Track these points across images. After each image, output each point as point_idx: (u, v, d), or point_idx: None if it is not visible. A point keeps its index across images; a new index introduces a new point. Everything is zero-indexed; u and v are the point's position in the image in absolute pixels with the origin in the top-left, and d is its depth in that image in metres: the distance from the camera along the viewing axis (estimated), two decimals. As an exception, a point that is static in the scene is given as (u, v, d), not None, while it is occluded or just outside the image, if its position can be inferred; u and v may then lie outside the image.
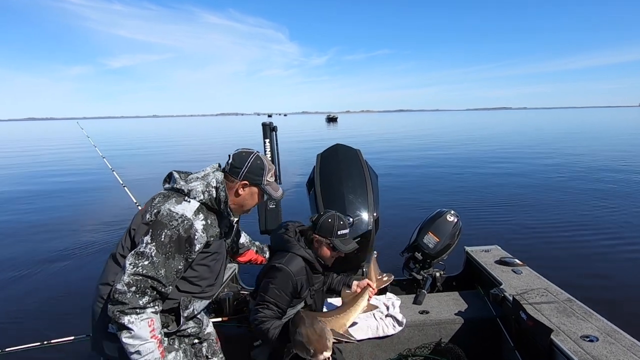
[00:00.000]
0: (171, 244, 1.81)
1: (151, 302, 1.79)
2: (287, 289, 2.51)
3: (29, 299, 5.89)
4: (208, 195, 1.97)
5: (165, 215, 1.83)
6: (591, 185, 12.87)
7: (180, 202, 1.91)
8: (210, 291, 2.18)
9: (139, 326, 1.74)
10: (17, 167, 20.58)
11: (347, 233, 2.73)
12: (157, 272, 1.78)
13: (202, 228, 1.91)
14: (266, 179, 2.13)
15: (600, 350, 2.59)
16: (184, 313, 2.03)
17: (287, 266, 2.54)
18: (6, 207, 11.76)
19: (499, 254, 4.31)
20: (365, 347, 3.37)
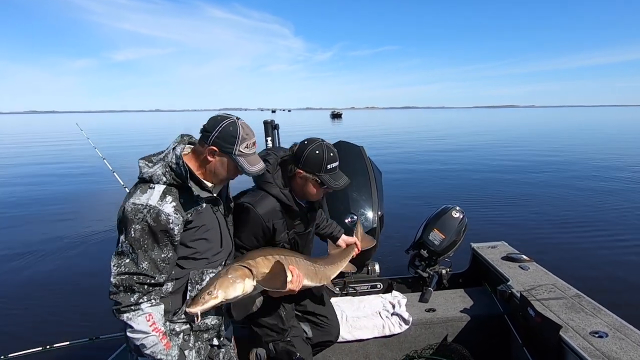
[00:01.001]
0: (144, 237, 1.79)
1: (143, 296, 1.80)
2: (257, 234, 2.30)
3: (31, 303, 5.91)
4: (170, 175, 1.89)
5: (130, 211, 1.79)
6: (599, 182, 12.80)
7: (145, 191, 1.85)
8: (220, 258, 2.12)
9: (137, 322, 1.78)
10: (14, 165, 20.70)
11: (337, 166, 2.33)
12: (138, 267, 1.78)
13: (174, 210, 1.83)
14: (239, 148, 1.93)
15: (610, 346, 2.55)
16: (194, 288, 1.99)
17: (256, 207, 2.27)
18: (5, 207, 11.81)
19: (506, 250, 4.27)
20: (372, 346, 3.34)
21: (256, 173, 2.01)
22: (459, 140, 31.28)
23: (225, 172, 1.99)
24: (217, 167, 1.97)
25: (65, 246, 8.27)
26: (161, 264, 1.84)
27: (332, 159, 2.29)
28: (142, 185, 1.89)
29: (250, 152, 1.98)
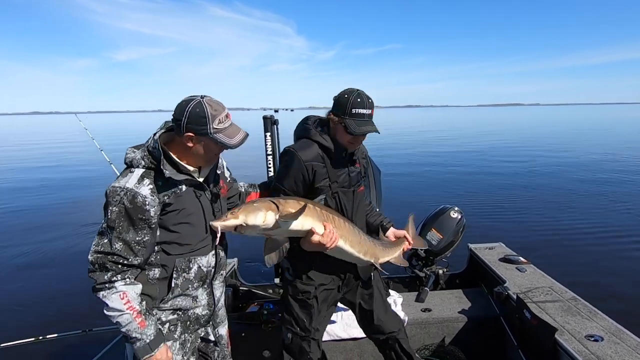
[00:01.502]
0: (120, 219, 1.82)
1: (116, 275, 1.83)
2: (297, 177, 2.28)
3: (24, 294, 5.92)
4: (148, 159, 1.92)
5: (109, 193, 1.84)
6: (598, 183, 12.77)
7: (126, 175, 1.90)
8: (206, 244, 2.09)
9: (111, 299, 1.81)
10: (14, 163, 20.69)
11: (366, 114, 2.25)
12: (112, 247, 1.82)
13: (150, 192, 1.86)
14: (213, 126, 1.90)
15: (605, 350, 2.55)
16: (180, 276, 2.01)
17: (298, 151, 2.27)
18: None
19: (503, 252, 4.27)
20: (367, 345, 3.34)
21: (238, 144, 1.97)
22: (460, 139, 31.24)
23: (208, 152, 1.99)
24: (199, 150, 1.97)
25: (60, 238, 8.28)
26: (136, 247, 1.86)
27: (358, 104, 2.24)
28: (125, 171, 1.94)
29: (225, 125, 1.95)
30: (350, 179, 2.45)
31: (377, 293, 2.67)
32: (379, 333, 2.67)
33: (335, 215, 2.25)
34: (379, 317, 2.63)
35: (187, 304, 2.07)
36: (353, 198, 2.46)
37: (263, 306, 3.45)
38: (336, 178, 2.36)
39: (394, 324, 2.68)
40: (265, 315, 3.31)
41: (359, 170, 2.53)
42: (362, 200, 2.58)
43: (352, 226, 2.33)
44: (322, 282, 2.43)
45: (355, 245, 2.31)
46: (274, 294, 4.11)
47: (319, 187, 2.31)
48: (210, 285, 2.17)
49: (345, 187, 2.41)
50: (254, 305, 3.63)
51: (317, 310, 2.44)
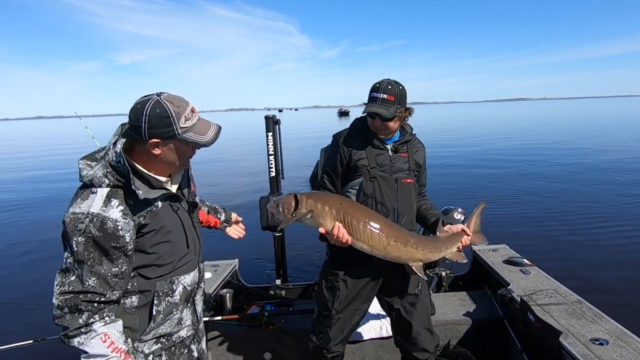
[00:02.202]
0: (89, 250, 1.53)
1: (93, 315, 1.55)
2: (334, 157, 2.45)
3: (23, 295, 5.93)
4: (113, 177, 1.61)
5: (70, 222, 1.54)
6: (604, 183, 12.66)
7: (87, 197, 1.58)
8: (190, 259, 1.86)
9: (91, 346, 1.54)
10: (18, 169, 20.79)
11: (378, 97, 2.37)
12: (84, 285, 1.53)
13: (122, 215, 1.57)
14: (180, 125, 1.62)
15: (611, 354, 2.51)
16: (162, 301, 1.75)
17: (337, 134, 2.51)
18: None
19: (507, 254, 4.24)
20: (369, 348, 3.31)
21: (212, 141, 1.72)
22: (464, 137, 31.07)
23: (179, 156, 1.72)
24: (168, 156, 1.69)
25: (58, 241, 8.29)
26: (112, 279, 1.58)
27: (375, 89, 2.40)
28: (83, 191, 1.62)
29: (193, 122, 1.67)
30: (393, 165, 2.47)
31: (421, 306, 2.60)
32: (411, 346, 2.58)
33: (355, 220, 2.19)
34: (417, 331, 2.55)
35: (171, 329, 1.83)
36: (396, 187, 2.47)
37: (264, 308, 3.42)
38: (375, 160, 2.43)
39: (430, 344, 2.59)
40: (266, 317, 3.28)
41: (406, 160, 2.54)
42: (410, 191, 2.53)
43: (378, 224, 2.23)
44: (355, 270, 2.49)
45: (377, 245, 2.23)
46: (275, 295, 4.09)
47: (357, 165, 2.41)
48: (193, 303, 1.94)
49: (387, 173, 2.45)
50: (254, 307, 3.62)
51: (343, 294, 2.49)
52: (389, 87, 2.38)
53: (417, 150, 2.62)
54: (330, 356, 2.58)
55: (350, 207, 2.24)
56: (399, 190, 2.47)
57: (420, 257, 2.36)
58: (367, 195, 2.42)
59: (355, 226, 2.18)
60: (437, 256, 2.45)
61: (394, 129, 2.45)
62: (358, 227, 2.19)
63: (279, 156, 3.98)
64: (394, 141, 2.51)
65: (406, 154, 2.53)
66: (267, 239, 4.37)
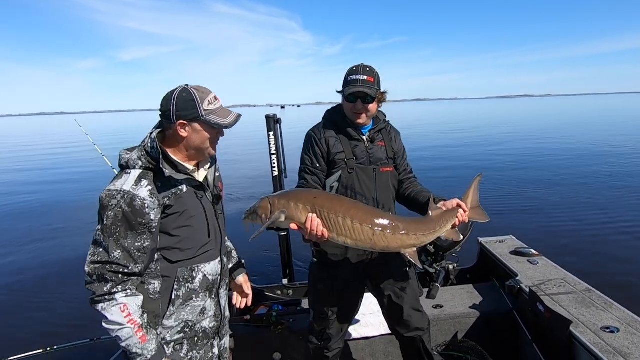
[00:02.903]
0: (117, 224, 1.72)
1: (117, 286, 1.73)
2: (314, 152, 2.40)
3: (31, 305, 5.92)
4: (145, 159, 1.82)
5: (105, 197, 1.74)
6: (610, 173, 12.61)
7: (121, 177, 1.79)
8: (211, 249, 2.00)
9: (111, 312, 1.72)
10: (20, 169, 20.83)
11: (359, 79, 2.35)
12: (110, 256, 1.72)
13: (149, 194, 1.76)
14: (204, 107, 1.83)
15: (622, 342, 2.49)
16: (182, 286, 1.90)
17: (311, 129, 2.48)
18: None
19: (514, 245, 4.21)
20: (379, 344, 3.30)
21: (233, 123, 1.89)
22: (469, 132, 31.06)
23: (203, 139, 1.88)
24: (193, 139, 1.87)
25: (66, 247, 8.31)
26: (136, 253, 1.76)
27: (352, 72, 2.38)
28: (120, 173, 1.84)
29: (216, 107, 1.87)
30: (370, 156, 2.46)
31: (411, 289, 2.62)
32: (404, 328, 2.62)
33: (333, 213, 2.07)
34: (408, 313, 2.58)
35: (194, 318, 1.96)
36: (375, 177, 2.45)
37: (272, 308, 3.42)
38: (352, 152, 2.41)
39: (421, 322, 2.63)
40: (274, 317, 3.28)
41: (384, 149, 2.52)
42: (388, 180, 2.52)
43: (360, 222, 2.08)
44: (341, 269, 2.47)
45: (365, 242, 2.10)
46: (283, 295, 4.08)
47: (335, 159, 2.39)
48: (217, 295, 2.06)
49: (364, 164, 2.43)
50: (262, 307, 3.61)
51: (335, 294, 2.49)
52: (367, 69, 2.38)
53: (393, 137, 2.62)
54: (332, 354, 2.59)
55: (326, 200, 2.13)
56: (377, 180, 2.45)
57: (413, 242, 2.20)
58: (347, 187, 2.41)
59: (334, 220, 2.06)
60: (431, 238, 2.28)
61: (373, 112, 2.44)
62: (337, 220, 2.06)
63: (281, 156, 3.97)
64: (369, 130, 2.50)
65: (383, 143, 2.53)
66: (272, 238, 4.36)
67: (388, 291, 2.58)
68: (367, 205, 2.28)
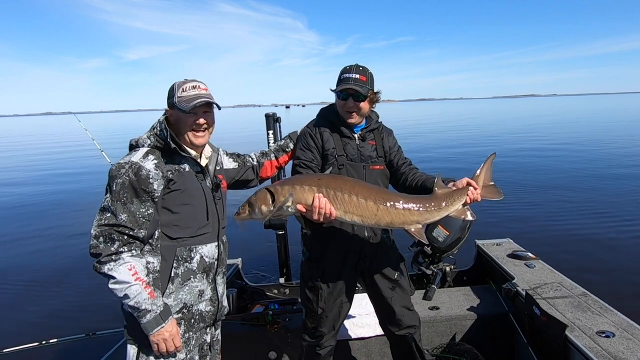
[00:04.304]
0: (124, 190, 1.86)
1: (123, 246, 1.84)
2: (309, 144, 2.48)
3: (27, 298, 5.93)
4: (154, 137, 2.01)
5: (114, 168, 1.90)
6: (608, 176, 12.59)
7: (130, 153, 1.98)
8: (208, 231, 2.10)
9: (118, 271, 1.80)
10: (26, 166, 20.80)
11: (350, 77, 2.41)
12: (117, 219, 1.83)
13: (154, 166, 1.93)
14: (177, 95, 2.02)
15: (617, 346, 2.50)
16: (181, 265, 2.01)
17: (306, 125, 2.56)
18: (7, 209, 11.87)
19: (511, 248, 4.21)
20: (374, 345, 3.30)
21: (191, 108, 1.97)
22: (470, 132, 31.03)
23: (181, 124, 2.03)
24: (177, 124, 2.04)
25: (62, 242, 8.30)
26: (141, 219, 1.89)
27: (345, 71, 2.46)
28: (129, 151, 2.02)
29: (189, 93, 2.01)
30: (361, 153, 2.51)
31: (402, 288, 2.65)
32: (396, 326, 2.64)
33: (339, 191, 2.14)
34: (400, 313, 2.61)
35: (192, 299, 2.04)
36: (365, 173, 2.50)
37: (268, 307, 3.42)
38: (343, 149, 2.48)
39: (412, 320, 2.67)
40: (270, 316, 3.28)
41: (374, 148, 2.58)
42: (379, 178, 2.57)
43: (365, 198, 2.16)
44: (332, 265, 2.50)
45: (370, 218, 2.17)
46: (279, 294, 4.08)
47: (327, 155, 2.45)
48: (214, 280, 2.15)
49: (355, 161, 2.48)
50: (258, 306, 3.60)
51: (326, 291, 2.51)
52: (360, 68, 2.45)
53: (384, 137, 2.66)
54: (324, 352, 2.61)
55: (330, 179, 2.22)
56: (367, 177, 2.49)
57: (416, 218, 2.22)
58: None
59: (340, 197, 2.13)
60: (437, 215, 2.29)
61: (365, 111, 2.49)
62: (343, 198, 2.13)
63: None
64: (361, 129, 2.56)
65: (373, 142, 2.58)
66: (269, 237, 4.36)
67: (378, 288, 2.62)
68: (370, 184, 2.35)
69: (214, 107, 2.11)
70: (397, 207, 2.19)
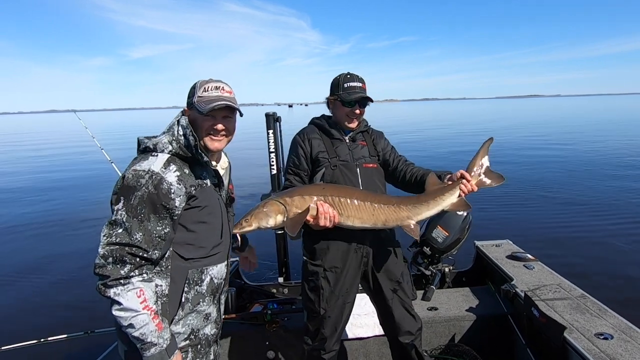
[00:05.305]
0: (142, 205, 1.63)
1: (134, 269, 1.61)
2: (298, 153, 2.55)
3: (26, 296, 5.92)
4: (177, 143, 1.77)
5: (132, 177, 1.65)
6: (607, 177, 12.58)
7: (147, 159, 1.72)
8: (220, 251, 1.93)
9: (126, 298, 1.59)
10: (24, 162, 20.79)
11: (357, 86, 2.53)
12: (131, 238, 1.61)
13: (177, 180, 1.70)
14: (197, 94, 1.82)
15: (615, 349, 2.49)
16: (192, 289, 1.82)
17: (297, 133, 2.63)
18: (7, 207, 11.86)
19: (510, 249, 4.21)
20: (372, 345, 3.30)
21: (210, 108, 1.78)
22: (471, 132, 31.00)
23: (197, 127, 1.83)
24: (196, 126, 1.83)
25: (61, 239, 8.28)
26: (157, 239, 1.67)
27: (349, 79, 2.55)
28: (144, 155, 1.77)
29: (210, 94, 1.82)
30: (353, 154, 2.59)
31: (404, 292, 2.65)
32: (395, 331, 2.63)
33: (342, 197, 2.31)
34: (400, 316, 2.61)
35: (199, 323, 1.87)
36: (359, 172, 2.56)
37: (267, 306, 3.42)
38: (335, 152, 2.55)
39: (412, 326, 2.65)
40: (269, 315, 3.28)
41: (365, 148, 2.66)
42: (372, 176, 2.62)
43: (361, 200, 2.34)
44: (334, 264, 2.50)
45: (369, 218, 2.34)
46: (278, 293, 4.08)
47: (319, 158, 2.53)
48: (218, 300, 1.99)
49: (347, 162, 2.56)
50: (257, 305, 3.60)
51: (327, 291, 2.51)
52: (359, 77, 2.58)
53: (375, 138, 2.75)
54: (328, 356, 2.59)
55: (332, 188, 2.38)
56: (362, 175, 2.56)
57: (407, 213, 2.39)
58: (331, 183, 2.49)
59: (344, 203, 2.29)
60: (430, 209, 2.42)
61: (362, 116, 2.63)
62: (346, 203, 2.29)
63: (280, 154, 3.97)
64: (350, 132, 2.64)
65: (364, 142, 2.66)
66: (268, 236, 4.35)
67: (380, 291, 2.62)
68: (366, 190, 2.48)
69: (236, 113, 1.90)
70: (391, 206, 2.37)
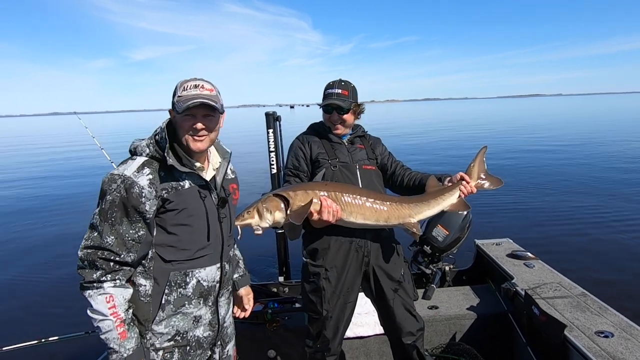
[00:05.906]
0: (114, 209, 1.67)
1: (106, 274, 1.67)
2: (298, 154, 2.63)
3: (26, 296, 5.93)
4: (153, 147, 1.78)
5: (107, 181, 1.70)
6: (608, 176, 12.58)
7: (126, 162, 1.76)
8: (208, 253, 1.89)
9: (96, 301, 1.66)
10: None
11: (333, 92, 2.61)
12: (103, 241, 1.66)
13: (148, 183, 1.71)
14: (177, 94, 1.79)
15: (616, 347, 2.50)
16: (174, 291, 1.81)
17: (297, 136, 2.73)
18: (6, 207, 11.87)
19: (511, 247, 4.21)
20: (373, 344, 3.31)
21: (185, 107, 1.73)
22: (469, 132, 31.03)
23: (181, 129, 1.81)
24: (177, 126, 1.82)
25: (60, 238, 8.29)
26: (129, 242, 1.70)
27: (328, 86, 2.65)
28: (127, 159, 1.81)
29: (189, 93, 1.77)
30: (352, 155, 2.66)
31: (405, 292, 2.65)
32: (397, 331, 2.62)
33: (344, 194, 2.33)
34: (402, 316, 2.60)
35: (186, 325, 1.86)
36: (359, 173, 2.61)
37: (267, 305, 3.41)
38: (335, 154, 2.62)
39: (414, 326, 2.63)
40: (269, 314, 3.28)
41: (363, 151, 2.73)
42: (372, 177, 2.66)
43: (362, 196, 2.37)
44: (334, 263, 2.50)
45: (371, 216, 2.37)
46: (279, 292, 4.08)
47: (319, 159, 2.59)
48: (215, 303, 1.95)
49: (347, 163, 2.62)
50: (258, 304, 3.60)
51: (329, 291, 2.50)
52: (342, 83, 2.64)
53: (372, 143, 2.82)
54: (332, 359, 2.59)
55: (335, 184, 2.42)
56: (362, 176, 2.60)
57: (407, 211, 2.44)
58: None
59: (347, 200, 2.31)
60: (431, 208, 2.50)
61: (350, 123, 2.67)
62: (348, 200, 2.32)
63: (280, 154, 3.97)
64: (348, 136, 2.72)
65: (362, 146, 2.73)
66: (269, 235, 4.35)
67: (381, 291, 2.61)
68: (368, 189, 2.50)
69: (217, 111, 1.83)
70: (393, 203, 2.42)
